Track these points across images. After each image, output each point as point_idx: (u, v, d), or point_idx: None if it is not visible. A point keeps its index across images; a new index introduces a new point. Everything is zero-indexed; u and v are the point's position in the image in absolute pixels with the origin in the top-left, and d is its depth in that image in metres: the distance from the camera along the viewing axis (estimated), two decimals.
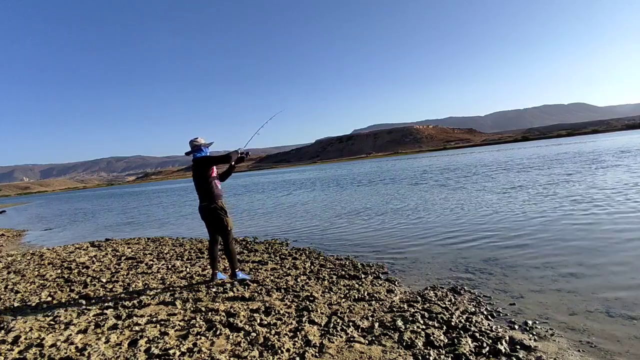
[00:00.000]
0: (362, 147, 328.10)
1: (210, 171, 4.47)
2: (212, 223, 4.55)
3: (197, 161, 4.50)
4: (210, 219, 4.53)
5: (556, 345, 2.76)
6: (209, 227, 4.61)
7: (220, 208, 4.51)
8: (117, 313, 3.81)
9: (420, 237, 6.77)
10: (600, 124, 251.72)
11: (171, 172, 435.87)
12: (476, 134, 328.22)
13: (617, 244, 5.09)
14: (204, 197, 4.49)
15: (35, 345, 3.16)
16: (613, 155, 21.82)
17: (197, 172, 4.48)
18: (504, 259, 4.95)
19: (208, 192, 4.46)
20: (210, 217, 4.51)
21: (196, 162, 4.50)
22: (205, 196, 4.48)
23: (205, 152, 4.59)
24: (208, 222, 4.57)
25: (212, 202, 4.47)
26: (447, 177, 19.45)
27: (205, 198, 4.48)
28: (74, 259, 7.13)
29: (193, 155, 4.55)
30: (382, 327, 3.14)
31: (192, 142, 4.55)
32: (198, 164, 4.47)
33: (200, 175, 4.45)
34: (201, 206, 4.53)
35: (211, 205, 4.47)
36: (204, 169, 4.44)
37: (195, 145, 4.53)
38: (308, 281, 4.57)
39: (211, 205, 4.47)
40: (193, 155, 4.55)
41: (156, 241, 8.72)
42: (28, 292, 5.02)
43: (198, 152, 4.54)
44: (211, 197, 4.47)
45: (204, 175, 4.45)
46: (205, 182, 4.45)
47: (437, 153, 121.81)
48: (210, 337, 3.09)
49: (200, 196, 4.51)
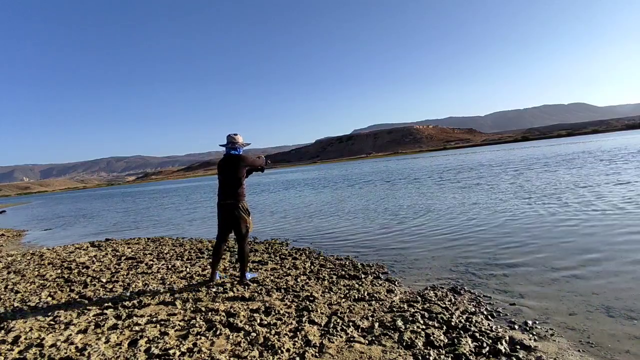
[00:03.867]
0: (362, 147, 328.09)
1: (244, 171, 4.47)
2: (232, 222, 4.47)
3: (233, 158, 4.45)
4: (231, 218, 4.45)
5: (556, 345, 2.76)
6: (224, 226, 4.54)
7: (244, 209, 4.48)
8: (117, 313, 3.81)
9: (420, 237, 6.77)
10: (600, 124, 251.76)
11: (171, 172, 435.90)
12: (476, 134, 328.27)
13: (618, 244, 5.09)
14: (229, 195, 4.41)
15: (35, 345, 3.15)
16: (614, 155, 21.82)
17: (229, 169, 4.42)
18: (504, 259, 4.95)
19: (236, 191, 4.41)
20: (232, 216, 4.44)
21: (232, 159, 4.44)
22: (231, 194, 4.41)
23: (239, 152, 4.55)
24: (227, 220, 4.49)
25: (239, 202, 4.43)
26: (447, 177, 19.46)
27: (231, 196, 4.41)
28: (74, 259, 7.13)
29: (227, 150, 4.51)
30: (382, 327, 3.14)
31: (231, 137, 4.50)
32: (234, 162, 4.43)
33: (232, 173, 4.40)
34: (224, 203, 4.44)
35: (238, 204, 4.42)
36: (239, 168, 4.41)
37: (233, 142, 4.49)
38: (308, 281, 4.57)
39: (238, 204, 4.42)
40: (227, 150, 4.51)
41: (156, 241, 8.72)
42: (28, 292, 5.02)
43: (234, 149, 4.50)
44: (238, 196, 4.42)
45: (236, 174, 4.40)
46: (237, 181, 4.41)
47: (437, 153, 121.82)
48: (210, 337, 3.09)
49: (226, 193, 4.43)
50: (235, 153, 4.51)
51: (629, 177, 11.57)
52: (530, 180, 13.69)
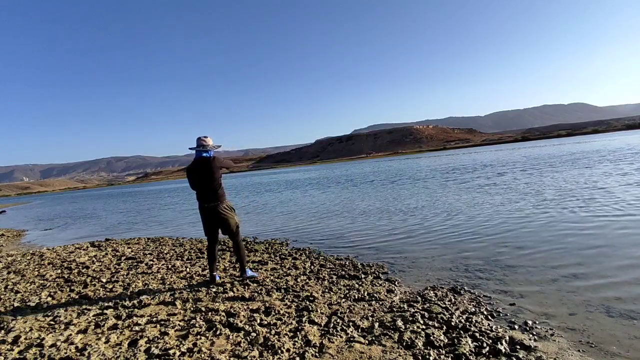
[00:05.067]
0: (362, 147, 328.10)
1: (220, 172, 4.45)
2: (220, 223, 4.49)
3: (206, 160, 4.39)
4: (218, 220, 4.46)
5: (556, 345, 2.76)
6: (211, 228, 4.53)
7: (229, 208, 4.51)
8: (117, 313, 3.81)
9: (420, 237, 6.77)
10: (601, 124, 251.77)
11: (171, 172, 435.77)
12: (476, 134, 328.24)
13: (618, 244, 5.09)
14: (211, 198, 4.41)
15: (35, 345, 3.16)
16: (615, 155, 21.81)
17: (205, 171, 4.37)
18: (504, 259, 4.95)
19: (216, 193, 4.41)
20: (218, 218, 4.45)
21: (205, 161, 4.39)
22: (213, 197, 4.41)
23: (210, 154, 4.47)
24: (214, 222, 4.49)
25: (222, 202, 4.45)
26: (447, 177, 19.46)
27: (213, 198, 4.41)
28: (74, 259, 7.13)
29: (197, 153, 4.43)
30: (382, 327, 3.14)
31: (201, 140, 4.40)
32: (208, 164, 4.37)
33: (209, 176, 4.37)
34: (208, 206, 4.42)
35: (222, 205, 4.44)
36: (214, 169, 4.38)
37: (204, 144, 4.40)
38: (308, 281, 4.57)
39: (222, 205, 4.44)
40: (198, 153, 4.43)
41: (156, 241, 8.72)
42: (28, 292, 5.02)
43: (205, 151, 4.44)
44: (220, 197, 4.44)
45: (213, 176, 4.38)
46: (215, 182, 4.40)
47: (437, 153, 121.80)
48: (210, 337, 3.10)
49: (206, 196, 4.41)
50: (207, 155, 4.43)
51: (632, 177, 11.56)
52: (530, 180, 13.68)
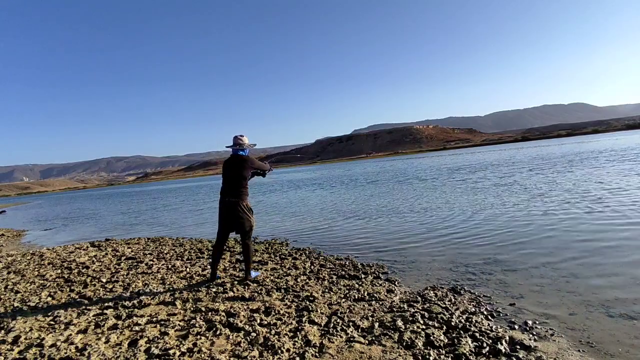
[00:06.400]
0: (362, 147, 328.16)
1: (249, 172, 4.59)
2: (234, 220, 4.53)
3: (240, 159, 4.58)
4: (233, 217, 4.51)
5: (556, 345, 2.76)
6: (225, 224, 4.58)
7: (247, 207, 4.58)
8: (117, 313, 3.81)
9: (420, 237, 6.77)
10: (601, 124, 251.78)
11: (171, 172, 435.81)
12: (476, 134, 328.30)
13: (618, 244, 5.09)
14: (233, 194, 4.50)
15: (35, 345, 3.16)
16: (616, 155, 21.81)
17: (235, 168, 4.54)
18: (504, 259, 4.95)
19: (240, 191, 4.52)
20: (234, 215, 4.50)
21: (239, 160, 4.58)
22: (235, 193, 4.50)
23: (246, 152, 4.69)
24: (229, 219, 4.54)
25: (242, 200, 4.52)
26: (447, 177, 19.46)
27: (235, 195, 4.50)
28: (74, 259, 7.13)
29: (234, 150, 4.64)
30: (382, 327, 3.14)
31: (237, 139, 4.63)
32: (241, 162, 4.56)
33: (239, 173, 4.53)
34: (228, 201, 4.51)
35: (242, 203, 4.51)
36: (245, 168, 4.54)
37: (240, 143, 4.62)
38: (308, 281, 4.57)
39: (242, 203, 4.51)
40: (234, 151, 4.64)
41: (156, 241, 8.72)
42: (28, 292, 5.02)
43: (241, 150, 4.64)
44: (241, 195, 4.52)
45: (242, 174, 4.53)
46: (242, 180, 4.54)
47: (437, 153, 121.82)
48: (210, 337, 3.10)
49: (229, 191, 4.52)
50: (243, 154, 4.65)
51: (631, 179, 11.56)
52: (530, 180, 13.68)
